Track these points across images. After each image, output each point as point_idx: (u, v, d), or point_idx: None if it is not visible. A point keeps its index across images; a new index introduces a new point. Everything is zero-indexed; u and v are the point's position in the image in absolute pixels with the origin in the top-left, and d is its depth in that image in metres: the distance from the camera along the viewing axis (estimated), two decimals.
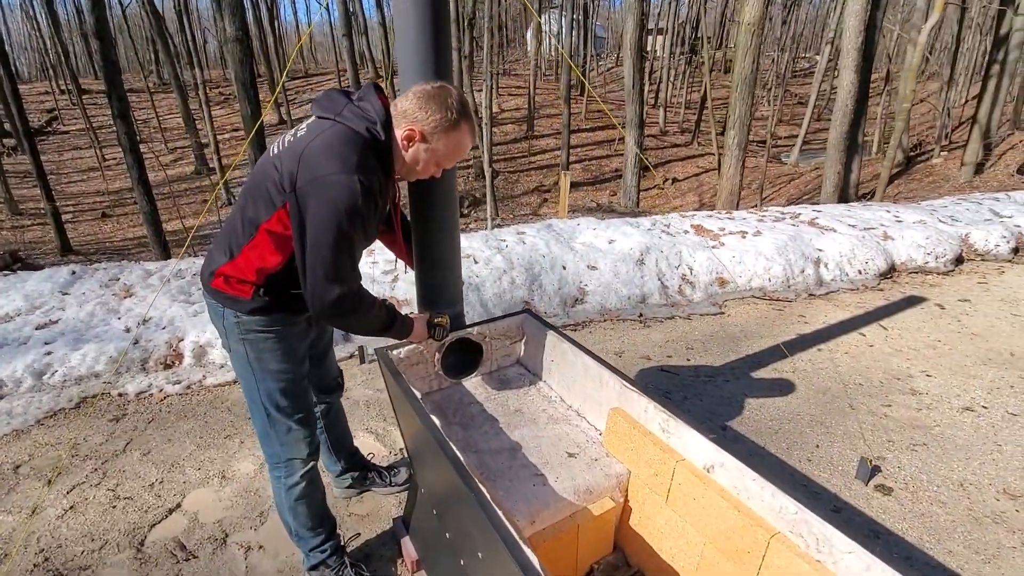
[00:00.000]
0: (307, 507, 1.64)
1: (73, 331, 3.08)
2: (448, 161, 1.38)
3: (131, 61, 36.45)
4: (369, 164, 1.24)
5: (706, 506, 1.17)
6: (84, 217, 15.83)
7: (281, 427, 1.52)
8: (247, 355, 1.45)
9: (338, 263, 1.24)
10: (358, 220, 1.23)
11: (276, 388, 1.48)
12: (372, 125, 1.27)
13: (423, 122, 1.29)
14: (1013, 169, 13.51)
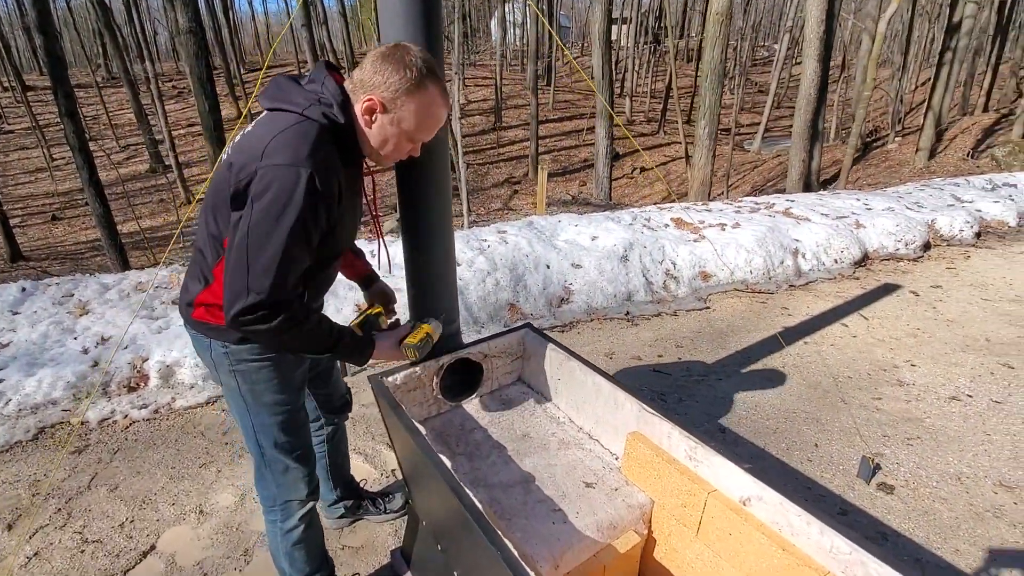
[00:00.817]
0: (305, 551, 1.52)
1: (26, 355, 2.84)
2: (422, 132, 1.17)
3: (78, 55, 34.57)
4: (323, 155, 1.07)
5: (744, 542, 1.10)
6: (33, 221, 14.95)
7: (278, 466, 1.39)
8: (239, 388, 1.31)
9: (260, 264, 1.04)
10: (299, 220, 1.03)
11: (272, 423, 1.35)
12: (328, 108, 1.11)
13: (381, 88, 1.11)
14: (964, 152, 14.05)
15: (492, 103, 21.74)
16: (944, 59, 13.16)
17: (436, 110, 1.16)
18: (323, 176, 1.06)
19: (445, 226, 1.52)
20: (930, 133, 13.45)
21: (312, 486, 1.46)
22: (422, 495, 1.45)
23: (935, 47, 22.27)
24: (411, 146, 1.21)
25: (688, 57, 30.80)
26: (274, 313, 1.08)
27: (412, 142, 1.19)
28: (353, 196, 1.24)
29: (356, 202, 1.28)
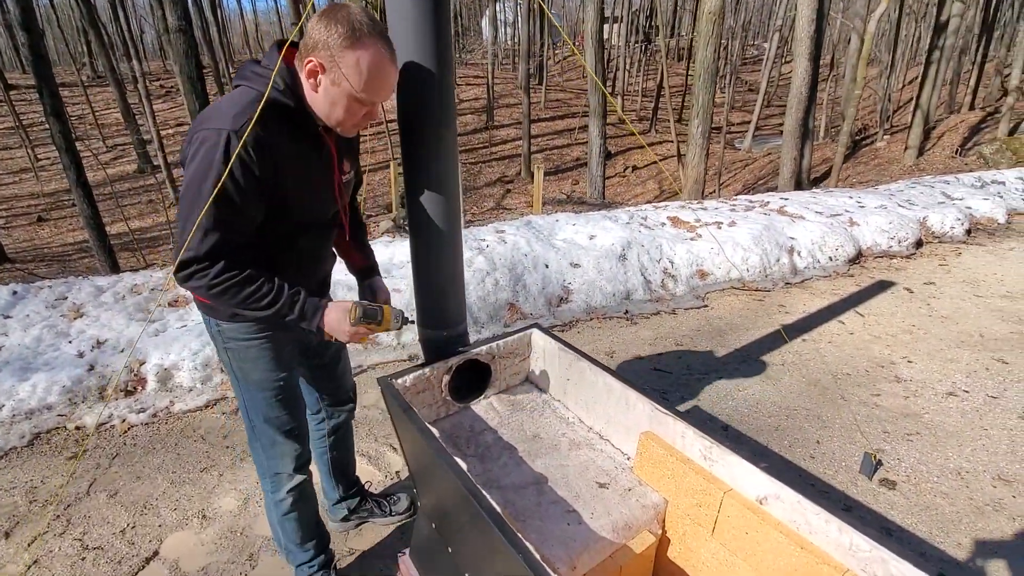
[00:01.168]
0: (296, 522, 1.57)
1: (19, 359, 2.79)
2: (369, 92, 1.13)
3: (62, 54, 34.06)
4: (252, 119, 1.08)
5: (761, 541, 1.10)
6: (18, 222, 14.72)
7: (266, 439, 1.46)
8: (231, 364, 1.38)
9: (190, 223, 1.09)
10: (229, 183, 1.07)
11: (261, 398, 1.40)
12: (274, 83, 1.13)
13: (320, 48, 1.09)
14: (952, 150, 14.22)
15: (484, 102, 21.70)
16: (932, 58, 13.31)
17: (379, 66, 1.11)
18: (250, 139, 1.07)
19: (454, 227, 1.51)
20: (918, 131, 13.60)
21: (300, 462, 1.51)
22: (432, 497, 1.44)
23: (922, 46, 22.55)
24: (364, 109, 1.17)
25: (679, 56, 30.93)
26: (206, 270, 1.13)
27: (362, 104, 1.15)
28: (309, 171, 1.23)
29: (316, 179, 1.26)
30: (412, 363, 3.11)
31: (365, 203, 12.34)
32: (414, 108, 1.35)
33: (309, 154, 1.22)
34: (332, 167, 1.29)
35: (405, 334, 3.24)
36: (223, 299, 1.17)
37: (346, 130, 1.21)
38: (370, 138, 19.82)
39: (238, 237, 1.15)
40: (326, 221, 1.36)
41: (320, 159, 1.25)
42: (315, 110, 1.17)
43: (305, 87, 1.16)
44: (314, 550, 1.64)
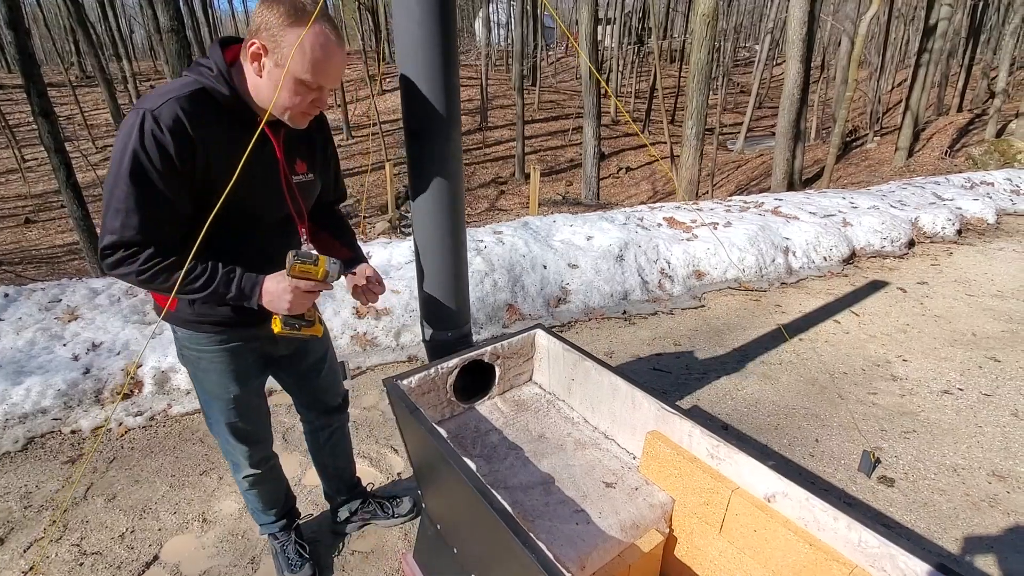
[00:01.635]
0: (256, 496, 1.68)
1: (12, 362, 2.75)
2: (313, 74, 1.10)
3: (49, 53, 33.69)
4: (176, 102, 1.07)
5: (769, 539, 1.11)
6: (5, 224, 14.53)
7: (220, 438, 1.53)
8: (187, 368, 1.42)
9: (111, 208, 1.07)
10: (134, 160, 1.05)
11: (215, 406, 1.45)
12: (208, 71, 1.12)
13: (262, 29, 1.08)
14: (942, 151, 14.39)
15: (478, 103, 21.71)
16: (921, 61, 13.46)
17: (322, 46, 1.09)
18: (166, 119, 1.05)
19: (458, 227, 1.51)
20: (908, 133, 13.75)
21: (254, 460, 1.57)
22: (438, 498, 1.44)
23: (911, 49, 22.81)
24: (312, 95, 1.15)
25: (671, 58, 31.09)
26: (135, 256, 1.11)
27: (308, 87, 1.13)
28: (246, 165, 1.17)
29: (255, 174, 1.21)
30: (411, 364, 3.11)
31: (359, 204, 12.30)
32: (421, 110, 1.35)
33: (245, 146, 1.16)
34: (276, 164, 1.24)
35: (404, 335, 3.23)
36: (154, 285, 1.14)
37: (294, 118, 1.17)
38: (364, 138, 19.76)
39: (163, 223, 1.12)
40: (273, 221, 1.30)
41: (261, 154, 1.20)
42: (261, 97, 1.15)
43: (249, 74, 1.14)
44: (275, 516, 1.75)
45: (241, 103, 1.15)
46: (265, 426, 1.58)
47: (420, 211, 1.48)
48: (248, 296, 1.21)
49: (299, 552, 1.78)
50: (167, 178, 1.09)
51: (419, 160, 1.42)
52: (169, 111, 1.06)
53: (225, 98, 1.13)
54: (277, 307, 1.21)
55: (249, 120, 1.18)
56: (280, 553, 1.79)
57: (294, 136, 1.28)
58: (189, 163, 1.10)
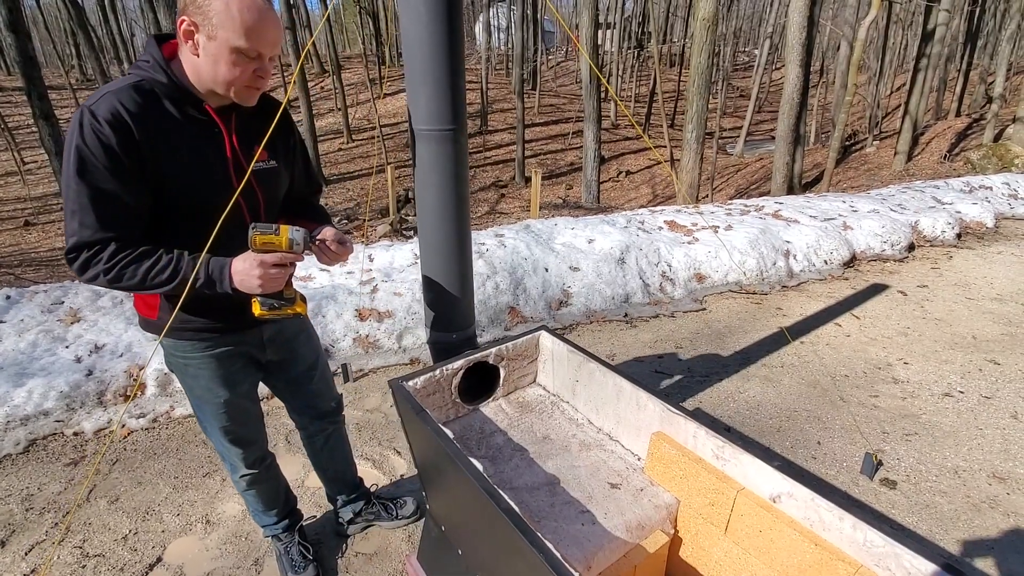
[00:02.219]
0: (255, 497, 1.68)
1: (14, 364, 2.75)
2: (248, 40, 1.07)
3: (49, 55, 33.74)
4: (114, 96, 1.07)
5: (775, 539, 1.11)
6: (4, 226, 14.53)
7: (214, 440, 1.53)
8: (176, 375, 1.43)
9: (68, 210, 1.08)
10: (80, 158, 1.04)
11: (206, 411, 1.45)
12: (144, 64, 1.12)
13: (189, 5, 1.05)
14: (940, 156, 14.44)
15: (478, 107, 21.76)
16: (919, 65, 13.52)
17: (250, 7, 1.06)
18: (103, 113, 1.04)
19: (463, 230, 1.52)
20: (907, 137, 13.80)
21: (249, 462, 1.57)
22: (443, 499, 1.44)
23: (909, 53, 22.91)
24: (251, 64, 1.11)
25: (671, 62, 31.19)
26: (99, 254, 1.09)
27: (246, 56, 1.09)
28: (193, 151, 1.16)
29: (203, 159, 1.18)
30: (413, 367, 3.11)
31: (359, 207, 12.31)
32: (427, 112, 1.36)
33: (193, 133, 1.16)
34: (223, 148, 1.20)
35: (406, 337, 3.23)
36: (123, 282, 1.12)
37: (240, 93, 1.15)
38: (365, 142, 19.79)
39: (119, 218, 1.10)
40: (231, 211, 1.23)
41: (210, 138, 1.18)
42: (202, 79, 1.12)
43: (188, 57, 1.11)
44: (277, 516, 1.76)
45: (182, 91, 1.13)
46: (257, 429, 1.58)
47: (425, 213, 1.49)
48: (219, 279, 1.17)
49: (302, 554, 1.79)
50: (113, 172, 1.07)
51: (425, 162, 1.43)
52: (106, 105, 1.05)
53: (164, 87, 1.11)
54: (249, 286, 1.17)
55: (195, 107, 1.16)
56: (284, 555, 1.80)
57: (249, 124, 1.25)
58: (134, 154, 1.08)
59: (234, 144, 1.21)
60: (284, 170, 1.36)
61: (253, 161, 1.24)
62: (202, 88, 1.14)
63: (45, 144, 7.38)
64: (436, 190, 1.46)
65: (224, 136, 1.20)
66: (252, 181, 1.25)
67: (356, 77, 25.43)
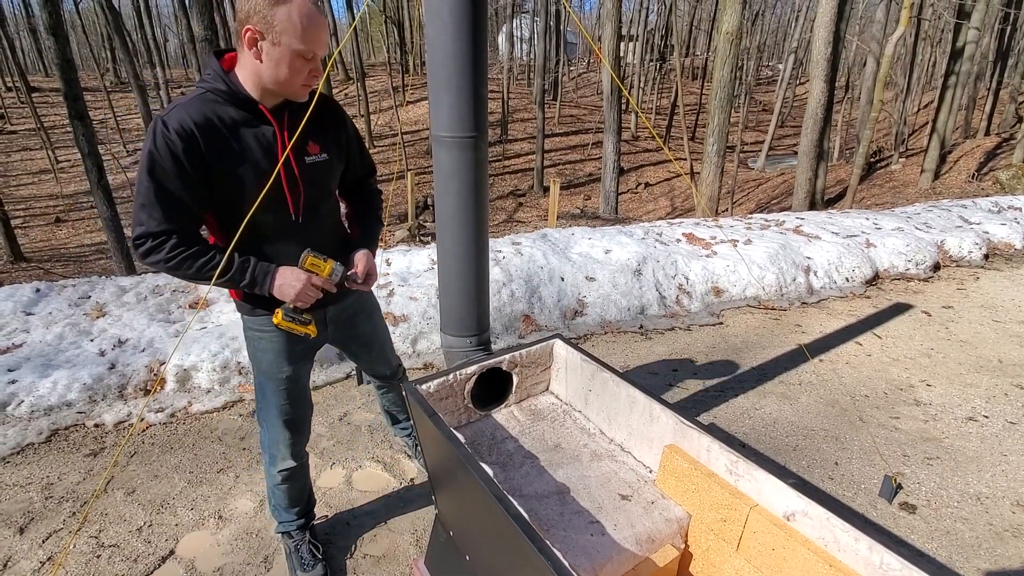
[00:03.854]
0: (284, 493, 1.76)
1: (40, 356, 2.83)
2: (306, 43, 1.21)
3: (85, 59, 34.85)
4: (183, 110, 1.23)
5: (788, 558, 1.09)
6: (36, 222, 14.97)
7: (266, 423, 1.64)
8: (248, 350, 1.58)
9: (138, 203, 1.24)
10: (152, 159, 1.21)
11: (267, 385, 1.58)
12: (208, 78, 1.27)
13: (252, 15, 1.19)
14: (968, 175, 14.15)
15: (499, 116, 21.91)
16: (948, 83, 13.30)
17: (309, 15, 1.20)
18: (174, 123, 1.21)
19: (482, 235, 1.53)
20: (934, 155, 13.55)
21: (294, 451, 1.66)
22: (453, 504, 1.45)
23: (938, 71, 22.54)
24: (307, 65, 1.25)
25: (693, 75, 31.12)
26: (161, 246, 1.26)
27: (304, 58, 1.23)
28: (250, 149, 1.29)
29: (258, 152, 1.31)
30: (427, 371, 3.12)
31: None
32: (449, 119, 1.38)
33: (248, 132, 1.30)
34: (274, 144, 1.33)
35: (420, 342, 3.25)
36: (180, 271, 1.30)
37: (295, 91, 1.29)
38: (386, 148, 20.04)
39: (181, 215, 1.26)
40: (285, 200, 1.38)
41: (262, 136, 1.32)
42: (262, 80, 1.26)
43: (249, 62, 1.24)
44: (296, 515, 1.83)
45: (241, 96, 1.27)
46: (307, 417, 1.70)
47: (444, 218, 1.50)
48: (261, 283, 1.35)
49: (312, 552, 1.81)
50: (177, 175, 1.23)
51: (446, 168, 1.44)
52: (176, 117, 1.21)
53: (224, 94, 1.26)
54: (286, 293, 1.36)
55: (251, 109, 1.29)
56: (294, 552, 1.82)
57: (301, 120, 1.35)
58: (196, 160, 1.23)
59: (284, 140, 1.34)
60: (336, 161, 1.49)
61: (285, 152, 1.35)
62: (260, 90, 1.28)
63: (79, 144, 7.60)
64: (456, 196, 1.47)
65: (276, 133, 1.33)
66: (296, 175, 1.37)
67: (380, 84, 25.80)
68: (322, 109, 1.42)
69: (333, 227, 1.55)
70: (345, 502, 2.14)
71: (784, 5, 37.49)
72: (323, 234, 1.49)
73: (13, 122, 22.58)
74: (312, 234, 1.44)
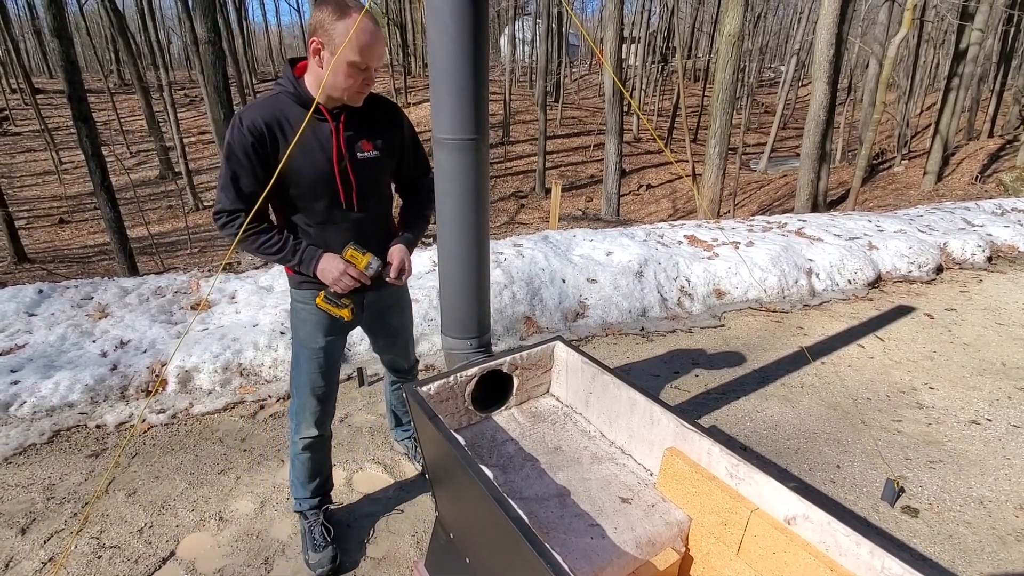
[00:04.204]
0: (304, 465, 1.86)
1: (43, 356, 2.84)
2: (360, 55, 1.37)
3: (89, 60, 34.99)
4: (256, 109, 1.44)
5: (789, 562, 1.09)
6: (39, 223, 15.03)
7: (297, 392, 1.77)
8: (290, 320, 1.76)
9: (219, 184, 1.48)
10: (230, 148, 1.43)
11: (302, 354, 1.73)
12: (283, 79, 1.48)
13: (318, 29, 1.37)
14: (971, 177, 14.11)
15: (500, 118, 21.94)
16: (951, 85, 13.28)
17: (366, 31, 1.36)
18: (247, 120, 1.41)
19: (483, 237, 1.53)
20: (937, 157, 13.52)
21: (317, 420, 1.78)
22: (453, 506, 1.44)
23: (941, 72, 22.50)
24: (362, 75, 1.43)
25: (695, 77, 31.11)
26: (233, 219, 1.49)
27: (359, 68, 1.40)
28: (310, 143, 1.49)
29: (316, 146, 1.50)
30: (427, 373, 3.12)
31: None
32: (450, 120, 1.38)
33: (310, 130, 1.48)
34: (331, 141, 1.51)
35: (421, 344, 3.25)
36: (245, 244, 1.52)
37: (352, 96, 1.47)
38: None
39: (250, 197, 1.47)
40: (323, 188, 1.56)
41: (322, 133, 1.50)
42: (323, 85, 1.43)
43: (314, 69, 1.44)
44: (312, 492, 1.90)
45: (305, 98, 1.46)
46: (333, 393, 1.83)
47: (444, 220, 1.50)
48: (307, 265, 1.57)
49: (324, 535, 1.87)
50: (248, 164, 1.44)
51: (446, 170, 1.44)
52: (250, 115, 1.43)
53: (292, 96, 1.46)
54: (325, 278, 1.57)
55: (315, 110, 1.47)
56: (307, 533, 1.89)
57: (357, 120, 1.54)
58: (263, 152, 1.45)
59: (340, 138, 1.52)
60: (388, 159, 1.65)
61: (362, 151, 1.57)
62: (322, 93, 1.45)
63: (83, 145, 7.62)
64: (456, 198, 1.47)
65: (333, 131, 1.51)
66: (348, 168, 1.55)
67: (383, 86, 25.86)
68: (379, 111, 1.60)
69: (380, 219, 1.70)
70: (345, 504, 2.14)
71: (786, 7, 37.48)
72: (369, 225, 1.65)
73: (18, 124, 22.67)
74: (358, 223, 1.62)
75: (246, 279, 3.61)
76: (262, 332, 3.02)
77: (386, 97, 1.64)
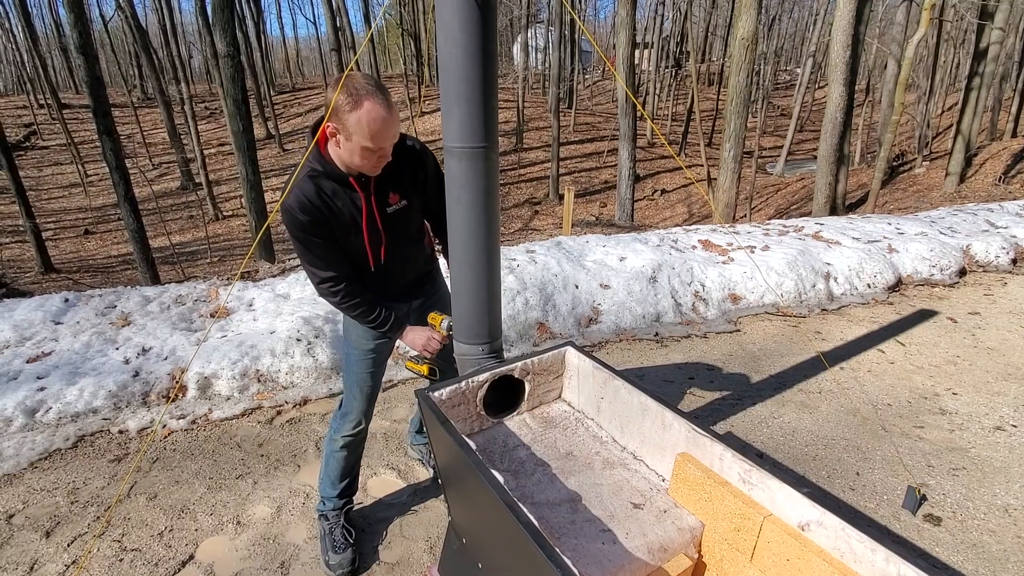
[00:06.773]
0: (337, 463, 1.93)
1: (68, 364, 2.91)
2: (370, 140, 1.42)
3: (113, 75, 35.96)
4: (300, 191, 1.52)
5: (803, 568, 1.08)
6: (66, 234, 15.44)
7: (346, 388, 1.90)
8: (344, 321, 1.88)
9: (304, 263, 1.63)
10: (300, 230, 1.54)
11: (352, 354, 1.86)
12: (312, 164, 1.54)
13: (332, 115, 1.42)
14: (994, 178, 13.80)
15: (514, 125, 22.03)
16: (972, 84, 13.02)
17: (376, 120, 1.41)
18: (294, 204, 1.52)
19: (493, 242, 1.54)
20: (959, 158, 13.25)
21: (355, 420, 1.88)
22: (465, 511, 1.45)
23: (961, 72, 22.10)
24: (376, 155, 1.49)
25: (709, 81, 30.95)
26: (331, 287, 1.64)
27: (369, 151, 1.46)
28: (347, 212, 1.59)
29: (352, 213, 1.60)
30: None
31: None
32: (460, 129, 1.40)
33: (344, 199, 1.58)
34: (361, 207, 1.61)
35: None
36: (344, 310, 1.71)
37: (369, 171, 1.55)
38: None
39: (331, 263, 1.62)
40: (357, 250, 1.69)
41: (353, 201, 1.60)
42: (343, 163, 1.52)
43: (332, 147, 1.52)
44: (339, 491, 1.97)
45: (333, 172, 1.55)
46: (375, 396, 1.93)
47: (455, 227, 1.52)
48: (393, 333, 1.77)
49: (345, 536, 1.92)
50: (312, 238, 1.57)
51: (456, 178, 1.46)
52: (295, 197, 1.52)
53: (322, 172, 1.55)
54: (413, 344, 1.78)
55: (342, 181, 1.57)
56: (327, 535, 1.92)
57: (383, 178, 1.62)
58: (316, 224, 1.56)
59: (372, 202, 1.62)
60: (416, 203, 1.74)
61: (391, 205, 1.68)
62: (345, 168, 1.54)
63: (107, 158, 7.83)
64: (466, 205, 1.49)
65: (362, 198, 1.61)
66: (379, 226, 1.67)
67: (396, 96, 26.16)
68: (402, 160, 1.66)
69: (417, 264, 1.85)
70: (359, 509, 2.16)
71: (801, 9, 37.17)
72: (404, 272, 1.81)
73: (45, 138, 23.37)
74: (392, 274, 1.77)
75: (263, 287, 3.67)
76: (279, 339, 3.07)
77: (411, 139, 1.70)
